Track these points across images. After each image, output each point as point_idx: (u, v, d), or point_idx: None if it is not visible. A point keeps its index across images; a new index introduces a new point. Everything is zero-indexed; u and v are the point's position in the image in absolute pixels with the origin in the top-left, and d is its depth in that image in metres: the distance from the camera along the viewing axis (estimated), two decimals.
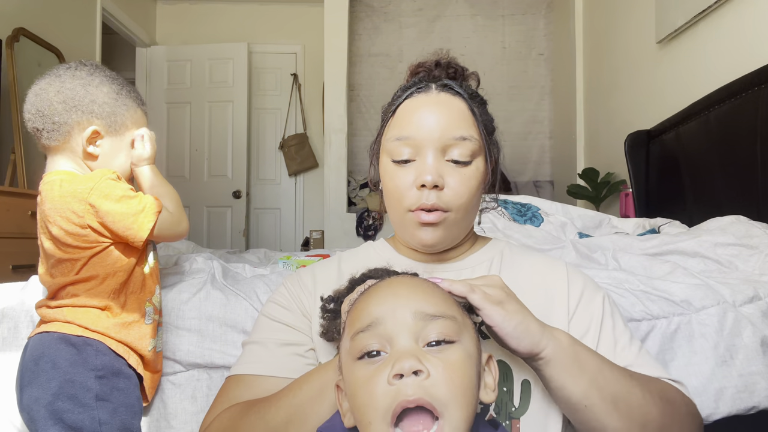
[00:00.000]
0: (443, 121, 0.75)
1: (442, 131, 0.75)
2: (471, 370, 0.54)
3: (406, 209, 0.76)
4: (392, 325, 0.54)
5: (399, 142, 0.76)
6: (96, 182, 0.91)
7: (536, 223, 1.80)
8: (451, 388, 0.51)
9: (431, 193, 0.74)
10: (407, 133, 0.76)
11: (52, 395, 0.86)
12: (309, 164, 4.63)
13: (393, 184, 0.77)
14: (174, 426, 1.02)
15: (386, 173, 0.79)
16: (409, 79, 0.85)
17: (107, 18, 3.87)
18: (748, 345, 1.08)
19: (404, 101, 0.79)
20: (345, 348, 0.58)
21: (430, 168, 0.74)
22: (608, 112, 3.23)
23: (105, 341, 0.91)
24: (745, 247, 1.33)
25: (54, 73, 0.96)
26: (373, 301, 0.58)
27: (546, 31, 4.34)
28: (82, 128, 0.95)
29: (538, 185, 4.22)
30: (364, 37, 4.41)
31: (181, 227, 1.00)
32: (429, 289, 0.59)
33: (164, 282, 1.11)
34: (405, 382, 0.50)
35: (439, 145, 0.75)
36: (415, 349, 0.53)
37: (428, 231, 0.76)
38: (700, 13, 2.16)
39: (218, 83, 4.50)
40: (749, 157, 1.66)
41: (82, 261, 0.92)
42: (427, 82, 0.80)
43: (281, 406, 0.67)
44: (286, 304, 0.83)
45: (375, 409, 0.51)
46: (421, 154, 0.75)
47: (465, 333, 0.57)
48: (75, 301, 0.92)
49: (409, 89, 0.80)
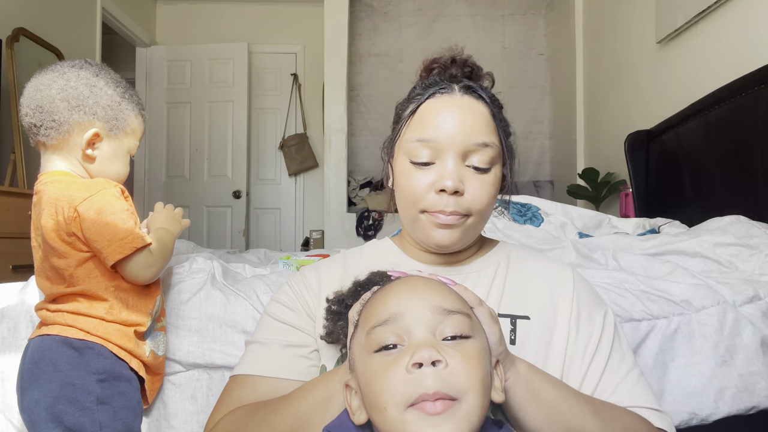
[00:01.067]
0: (466, 125, 0.74)
1: (465, 136, 0.73)
2: (486, 363, 0.55)
3: (422, 209, 0.75)
4: (410, 319, 0.55)
5: (419, 143, 0.74)
6: (94, 193, 0.90)
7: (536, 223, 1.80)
8: (470, 376, 0.52)
9: (450, 199, 0.73)
10: (429, 135, 0.74)
11: (52, 398, 0.85)
12: (309, 164, 4.63)
13: (409, 185, 0.76)
14: (174, 426, 1.02)
15: (402, 173, 0.77)
16: (423, 76, 0.83)
17: (107, 18, 3.87)
18: (748, 345, 1.08)
19: (425, 101, 0.76)
20: (359, 343, 0.59)
21: (451, 173, 0.72)
22: (608, 112, 3.23)
23: (106, 345, 0.91)
24: (745, 247, 1.33)
25: (58, 70, 0.94)
26: (392, 296, 0.59)
27: (546, 31, 4.34)
28: (82, 129, 0.94)
29: (538, 185, 4.22)
30: (364, 37, 4.41)
31: (149, 272, 0.93)
32: (445, 288, 0.61)
33: (164, 282, 1.11)
34: (424, 372, 0.51)
35: (460, 150, 0.73)
36: (433, 341, 0.54)
37: (445, 232, 0.75)
38: (700, 13, 2.17)
39: (218, 83, 4.50)
40: (749, 157, 1.66)
41: (72, 268, 0.90)
42: (449, 82, 0.78)
43: (287, 414, 0.67)
44: (291, 304, 0.82)
45: (392, 395, 0.51)
46: (442, 157, 0.74)
47: (478, 330, 0.58)
48: (75, 308, 0.91)
49: (431, 88, 0.77)
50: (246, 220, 4.51)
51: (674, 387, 1.07)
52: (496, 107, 0.79)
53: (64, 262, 0.90)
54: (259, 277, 1.20)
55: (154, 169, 4.56)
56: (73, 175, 0.95)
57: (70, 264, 0.90)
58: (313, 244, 3.77)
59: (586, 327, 0.77)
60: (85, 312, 0.91)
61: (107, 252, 0.88)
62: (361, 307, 0.63)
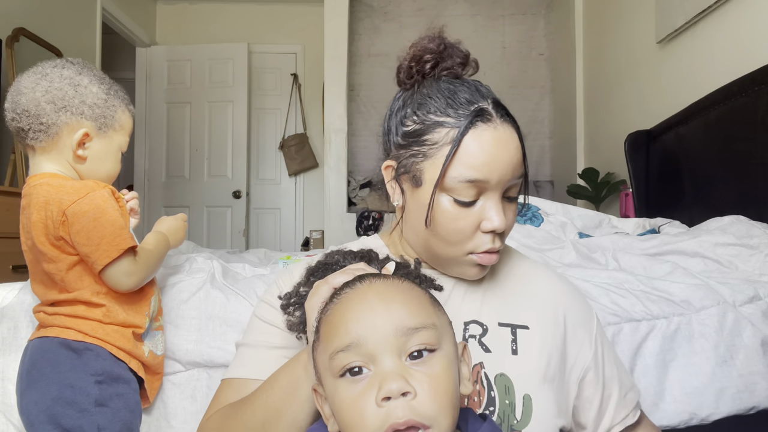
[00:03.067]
0: (512, 162, 0.70)
1: (512, 174, 0.70)
2: (453, 375, 0.55)
3: (468, 251, 0.73)
4: (374, 343, 0.53)
5: (470, 184, 0.69)
6: (82, 196, 0.88)
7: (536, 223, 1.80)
8: (438, 402, 0.52)
9: (497, 238, 0.72)
10: (479, 175, 0.69)
11: (51, 400, 0.85)
12: (309, 164, 4.62)
13: (455, 227, 0.71)
14: (174, 426, 1.02)
15: (445, 213, 0.71)
16: (412, 66, 0.75)
17: (107, 18, 3.87)
18: (748, 345, 1.08)
19: (469, 131, 0.69)
20: (323, 363, 0.57)
21: (499, 213, 0.70)
22: (608, 112, 3.23)
23: (105, 346, 0.90)
24: (745, 247, 1.33)
25: (39, 72, 0.92)
26: (351, 317, 0.55)
27: (546, 31, 4.34)
28: (71, 130, 0.92)
29: (538, 185, 4.21)
30: (364, 37, 4.41)
31: (129, 280, 0.90)
32: (406, 297, 0.57)
33: (164, 282, 1.11)
34: (394, 405, 0.51)
35: (505, 187, 0.71)
36: (400, 367, 0.53)
37: (482, 269, 0.75)
38: (700, 13, 2.16)
39: (218, 83, 4.50)
40: (749, 157, 1.66)
41: (62, 272, 0.89)
42: (479, 98, 0.72)
43: (257, 407, 0.67)
44: (276, 303, 0.82)
45: (364, 428, 0.52)
46: (488, 196, 0.70)
47: (444, 336, 0.57)
48: (73, 311, 0.90)
49: (464, 113, 0.70)
50: (246, 220, 4.50)
51: (674, 387, 1.07)
52: (517, 126, 0.74)
53: (54, 266, 0.89)
54: (258, 277, 1.20)
55: (154, 169, 4.56)
56: (63, 176, 0.93)
57: (60, 268, 0.89)
58: (313, 244, 3.77)
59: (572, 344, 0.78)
60: (83, 315, 0.90)
61: (95, 257, 0.87)
62: (319, 314, 0.61)
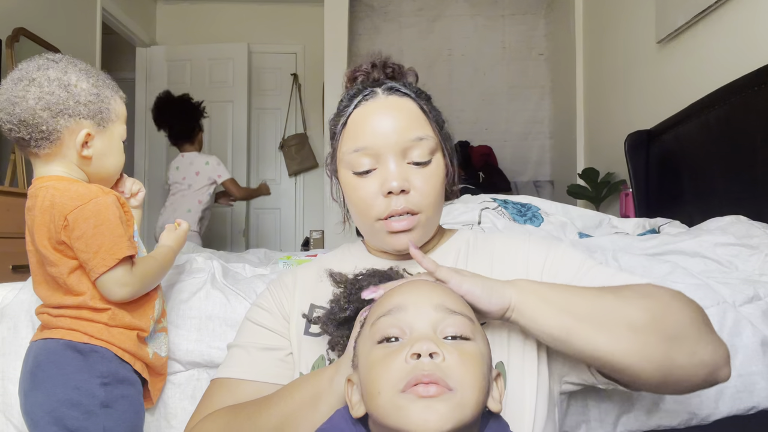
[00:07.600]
0: (398, 124, 0.76)
1: (399, 135, 0.75)
2: (484, 366, 0.56)
3: (375, 218, 0.76)
4: (413, 313, 0.57)
5: (357, 153, 0.76)
6: (85, 202, 0.87)
7: (536, 223, 1.80)
8: (465, 372, 0.53)
9: (399, 198, 0.75)
10: (364, 143, 0.76)
11: (56, 401, 0.85)
12: (309, 164, 4.62)
13: (357, 196, 0.77)
14: (174, 426, 1.02)
15: (348, 186, 0.79)
16: (348, 86, 0.84)
17: (107, 18, 3.86)
18: (747, 345, 1.08)
19: (353, 111, 0.78)
20: (365, 334, 0.60)
21: (394, 174, 0.74)
22: (608, 112, 3.23)
23: (111, 348, 0.90)
24: (745, 247, 1.33)
25: (25, 77, 0.89)
26: (398, 291, 0.61)
27: (546, 31, 4.34)
28: (72, 132, 0.90)
29: (538, 185, 4.22)
30: (364, 37, 4.41)
31: (122, 290, 0.89)
32: (448, 290, 0.62)
33: (164, 282, 1.10)
34: (422, 361, 0.52)
35: (398, 149, 0.75)
36: (433, 336, 0.55)
37: (401, 237, 0.76)
38: (700, 13, 2.16)
39: (218, 83, 4.50)
40: (749, 157, 1.66)
41: (64, 276, 0.89)
42: (371, 87, 0.79)
43: (273, 412, 0.67)
44: (268, 306, 0.84)
45: (387, 380, 0.52)
46: (382, 161, 0.76)
47: (479, 335, 0.59)
48: (78, 313, 0.90)
49: (355, 97, 0.79)
50: (246, 221, 4.50)
51: None
52: (423, 100, 0.80)
53: (56, 270, 0.89)
54: (259, 277, 1.20)
55: (154, 169, 4.56)
56: (69, 179, 0.91)
57: (62, 272, 0.89)
58: (313, 244, 3.76)
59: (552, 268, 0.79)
60: (89, 317, 0.90)
61: (92, 264, 0.86)
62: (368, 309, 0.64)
